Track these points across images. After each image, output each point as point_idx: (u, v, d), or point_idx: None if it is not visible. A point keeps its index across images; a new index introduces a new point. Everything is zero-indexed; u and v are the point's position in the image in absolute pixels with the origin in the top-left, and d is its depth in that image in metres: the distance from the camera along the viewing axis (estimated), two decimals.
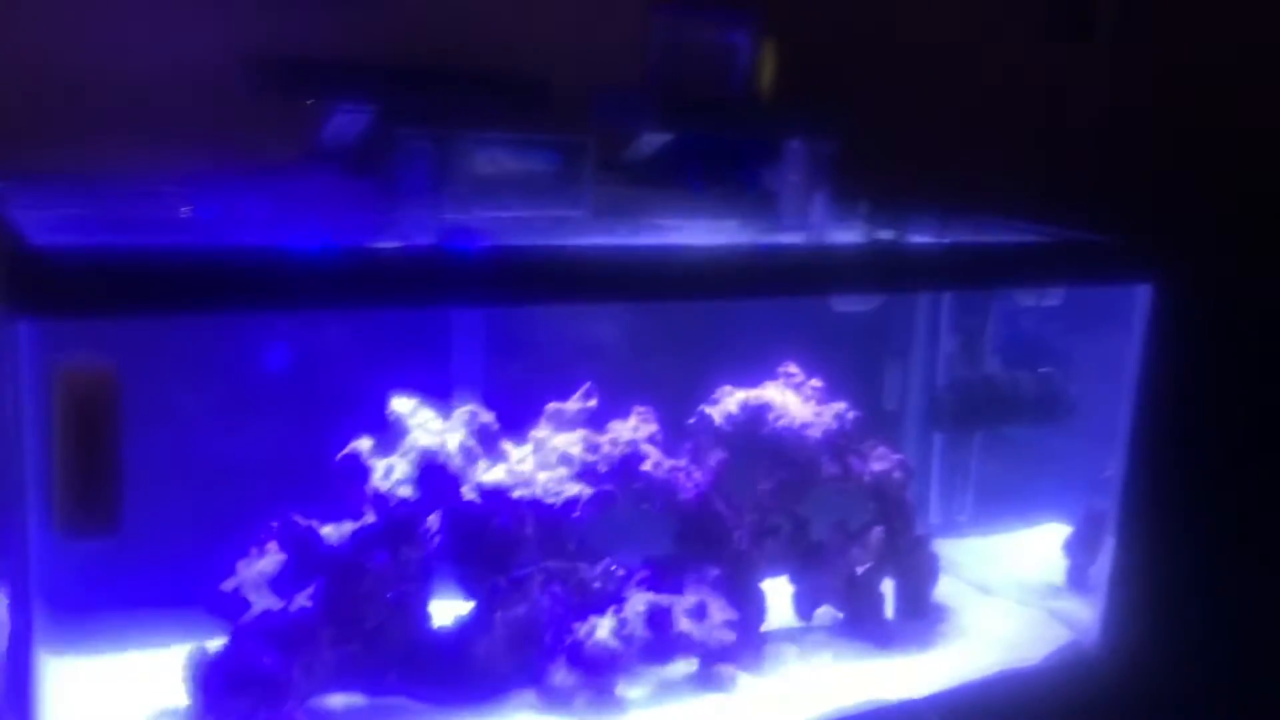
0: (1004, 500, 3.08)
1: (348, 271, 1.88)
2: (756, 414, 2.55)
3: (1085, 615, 2.86)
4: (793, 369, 2.62)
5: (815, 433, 2.55)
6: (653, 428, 2.49)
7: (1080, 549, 2.99)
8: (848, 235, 2.52)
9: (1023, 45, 3.56)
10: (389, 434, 2.28)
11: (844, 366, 2.76)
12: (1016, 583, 2.97)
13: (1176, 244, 2.77)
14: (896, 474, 2.65)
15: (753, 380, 2.66)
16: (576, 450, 2.39)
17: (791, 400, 2.57)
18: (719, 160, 3.06)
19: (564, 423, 2.45)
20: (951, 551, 2.93)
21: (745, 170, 3.11)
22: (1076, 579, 2.99)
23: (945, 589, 2.81)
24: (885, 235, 2.55)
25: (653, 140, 2.94)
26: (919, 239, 2.52)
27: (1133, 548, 2.88)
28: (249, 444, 2.38)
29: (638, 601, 2.36)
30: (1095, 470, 2.99)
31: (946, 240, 2.55)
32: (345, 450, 2.19)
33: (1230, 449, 2.88)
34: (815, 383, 2.61)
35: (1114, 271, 2.76)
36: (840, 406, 2.60)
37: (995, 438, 2.97)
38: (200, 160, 2.58)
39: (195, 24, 2.60)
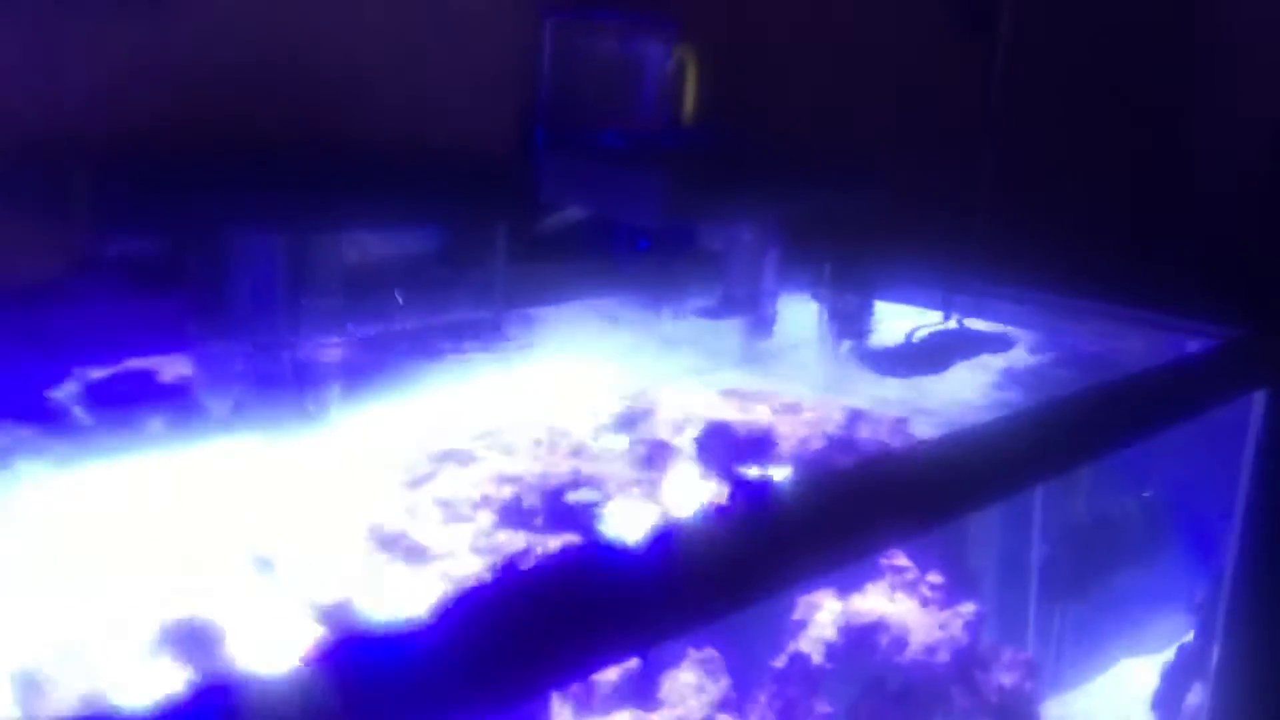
0: (1081, 643, 2.40)
1: None
2: (864, 640, 1.72)
3: None
4: (902, 560, 1.79)
5: (943, 656, 1.76)
6: (724, 683, 1.61)
7: (1168, 700, 2.37)
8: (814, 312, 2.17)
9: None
10: None
11: None
12: None
13: None
14: (1027, 684, 1.89)
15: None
16: None
17: (908, 611, 1.75)
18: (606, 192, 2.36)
19: (597, 703, 1.54)
20: None
21: (634, 196, 2.38)
22: None
23: None
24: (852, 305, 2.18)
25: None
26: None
27: (1237, 696, 2.29)
28: None
29: None
30: (1176, 599, 2.37)
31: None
32: None
33: None
34: (934, 578, 1.80)
35: (1234, 380, 2.11)
36: (969, 610, 1.80)
37: None
38: None
39: None
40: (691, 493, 1.64)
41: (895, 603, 1.76)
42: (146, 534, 1.39)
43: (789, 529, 1.26)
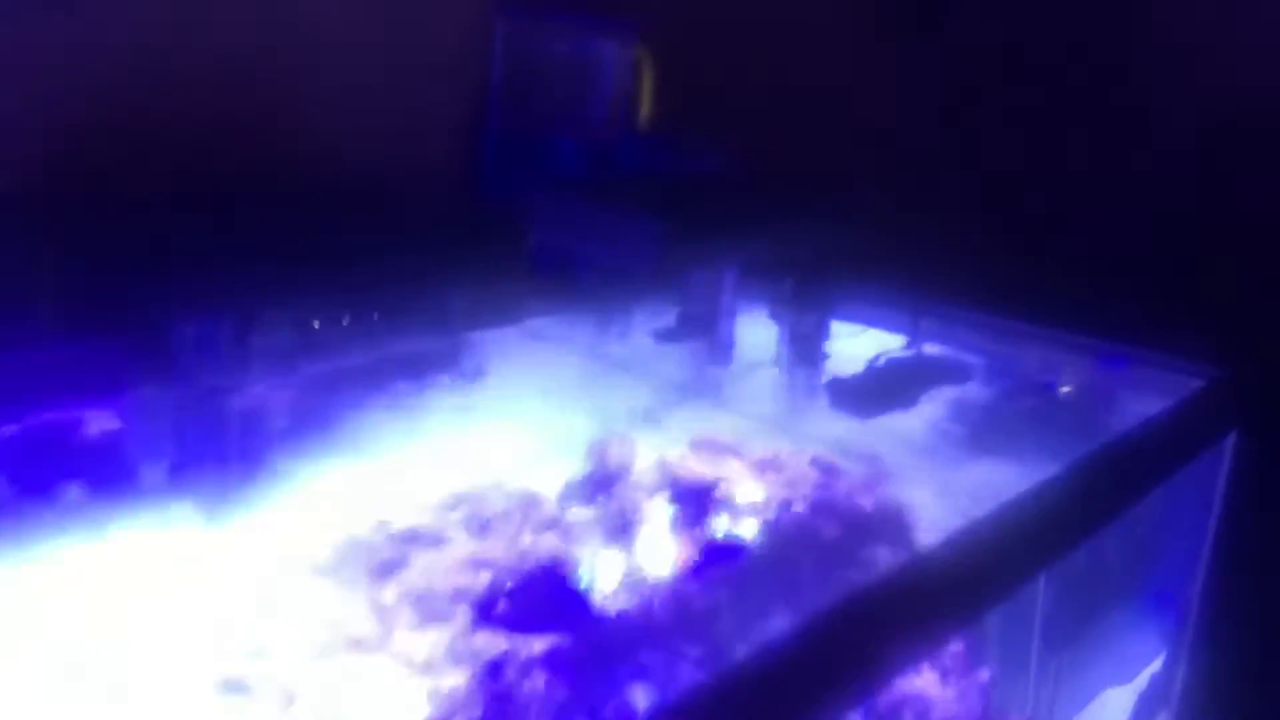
0: (1071, 680, 2.31)
1: None
2: None
3: None
4: None
5: None
6: None
7: None
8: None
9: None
10: None
11: None
12: None
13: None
14: None
15: None
16: None
17: (929, 684, 1.62)
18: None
19: None
20: None
21: (632, 244, 2.26)
22: None
23: None
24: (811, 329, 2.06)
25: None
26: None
27: None
28: None
29: None
30: (1158, 627, 2.30)
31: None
32: None
33: None
34: (955, 647, 1.66)
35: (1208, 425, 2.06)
36: (984, 677, 1.68)
37: None
38: None
39: None
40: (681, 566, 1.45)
41: (918, 676, 1.62)
42: (81, 643, 1.16)
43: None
